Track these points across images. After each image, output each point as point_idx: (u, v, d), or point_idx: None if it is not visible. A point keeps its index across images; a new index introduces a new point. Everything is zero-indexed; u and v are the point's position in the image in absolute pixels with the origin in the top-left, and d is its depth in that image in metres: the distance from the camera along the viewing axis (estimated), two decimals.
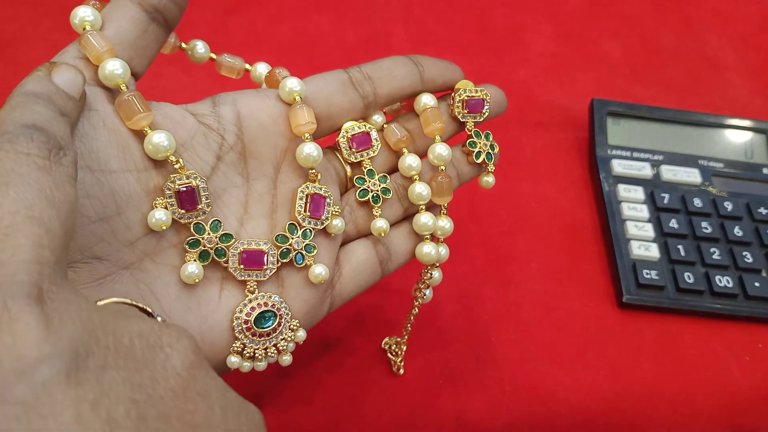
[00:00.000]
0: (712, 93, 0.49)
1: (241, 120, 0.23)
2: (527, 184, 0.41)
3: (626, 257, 0.37)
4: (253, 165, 0.23)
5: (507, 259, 0.37)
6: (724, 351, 0.34)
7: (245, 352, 0.22)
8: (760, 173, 0.42)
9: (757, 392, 0.33)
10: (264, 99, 0.23)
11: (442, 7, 0.54)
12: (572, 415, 0.31)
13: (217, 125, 0.22)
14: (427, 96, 0.26)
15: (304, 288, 0.23)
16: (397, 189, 0.26)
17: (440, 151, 0.26)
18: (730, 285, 0.36)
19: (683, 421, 0.31)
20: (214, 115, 0.22)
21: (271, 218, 0.23)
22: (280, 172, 0.24)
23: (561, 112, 0.46)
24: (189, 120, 0.22)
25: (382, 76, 0.25)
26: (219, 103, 0.23)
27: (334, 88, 0.24)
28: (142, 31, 0.21)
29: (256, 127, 0.23)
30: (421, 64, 0.26)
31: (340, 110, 0.24)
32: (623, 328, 0.35)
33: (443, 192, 0.25)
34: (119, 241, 0.20)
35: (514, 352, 0.33)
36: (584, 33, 0.53)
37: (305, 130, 0.22)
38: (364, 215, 0.26)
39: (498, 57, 0.50)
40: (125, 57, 0.21)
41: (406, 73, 0.25)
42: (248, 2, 0.51)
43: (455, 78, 0.27)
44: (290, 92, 0.23)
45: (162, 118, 0.21)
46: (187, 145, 0.21)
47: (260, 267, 0.22)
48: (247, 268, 0.22)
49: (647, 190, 0.40)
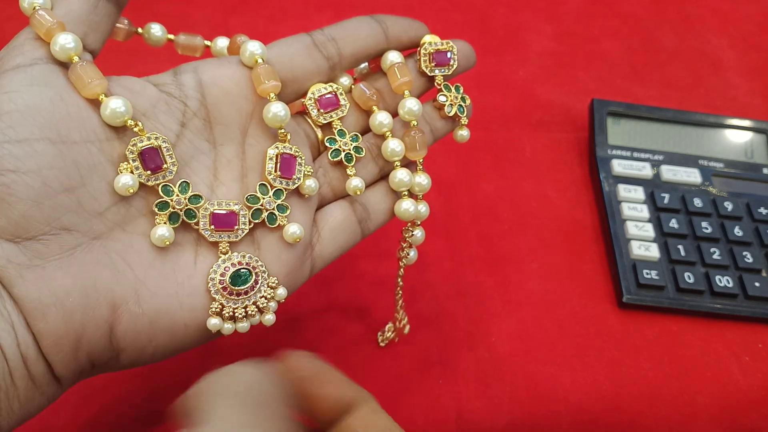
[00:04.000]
0: (713, 93, 0.49)
1: (203, 86, 0.23)
2: (527, 183, 0.41)
3: (626, 257, 0.37)
4: (219, 130, 0.23)
5: (507, 259, 0.37)
6: (724, 351, 0.34)
7: (224, 313, 0.22)
8: (761, 173, 0.42)
9: (757, 392, 0.33)
10: (226, 65, 0.23)
11: (443, 6, 0.54)
12: (572, 415, 0.31)
13: (179, 93, 0.22)
14: (394, 53, 0.26)
15: (280, 249, 0.23)
16: (370, 148, 0.26)
17: (410, 105, 0.25)
18: (730, 285, 0.36)
19: (683, 421, 0.31)
20: (175, 84, 0.22)
21: (242, 182, 0.23)
22: (248, 136, 0.23)
23: (561, 112, 0.46)
24: (149, 89, 0.22)
25: (345, 36, 0.25)
26: (180, 72, 0.23)
27: (297, 50, 0.24)
28: (93, 7, 0.21)
29: (219, 92, 0.23)
30: (384, 21, 0.26)
31: (305, 72, 0.24)
32: (623, 327, 0.35)
33: (417, 146, 0.25)
34: (87, 212, 0.20)
35: (514, 351, 0.33)
36: (584, 32, 0.53)
37: (269, 88, 0.22)
38: (338, 176, 0.25)
39: (498, 56, 0.50)
40: (79, 33, 0.21)
41: (370, 31, 0.25)
42: (249, 2, 0.51)
43: (420, 33, 0.27)
44: (251, 55, 0.23)
45: (121, 89, 0.21)
46: (149, 114, 0.21)
47: (231, 227, 0.22)
48: (218, 228, 0.22)
49: (647, 190, 0.40)
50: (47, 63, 0.20)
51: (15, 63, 0.20)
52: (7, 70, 0.20)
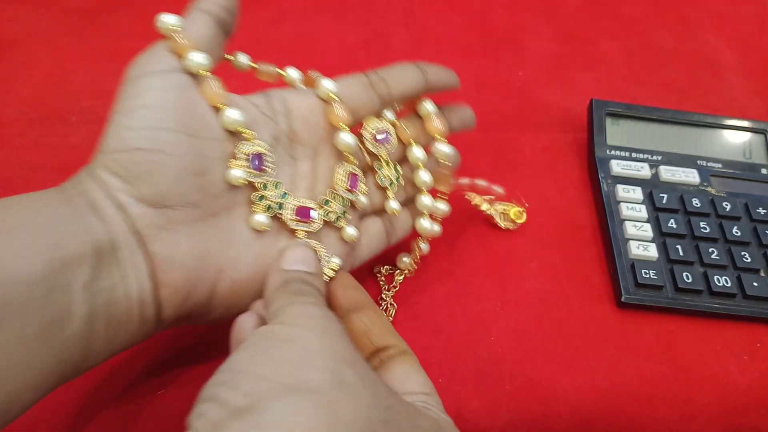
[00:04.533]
0: (711, 93, 0.49)
1: (290, 112, 0.28)
2: (526, 184, 0.41)
3: (625, 257, 0.37)
4: (298, 149, 0.28)
5: (507, 258, 0.37)
6: (722, 350, 0.34)
7: None
8: (759, 173, 0.42)
9: (755, 391, 0.33)
10: (307, 96, 0.29)
11: (443, 8, 0.54)
12: (571, 414, 0.31)
13: (272, 113, 0.28)
14: (430, 103, 0.32)
15: (337, 245, 0.29)
16: (402, 176, 0.32)
17: (444, 149, 0.32)
18: (728, 284, 0.36)
19: (682, 420, 0.31)
20: (267, 106, 0.28)
21: (313, 191, 0.29)
22: (318, 155, 0.29)
23: (560, 113, 0.47)
24: (251, 107, 0.27)
25: (394, 79, 0.30)
26: (271, 97, 0.28)
27: (358, 89, 0.29)
28: (213, 35, 0.26)
29: (301, 118, 0.28)
30: (425, 70, 0.31)
31: (363, 107, 0.29)
32: (622, 327, 0.35)
33: (444, 180, 0.32)
34: (207, 193, 0.25)
35: (514, 351, 0.33)
36: (583, 34, 0.54)
37: (343, 121, 0.28)
38: (379, 196, 0.32)
39: (497, 58, 0.51)
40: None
41: (414, 76, 0.30)
42: (249, 4, 0.51)
43: (452, 83, 0.32)
44: (325, 91, 0.28)
45: (233, 103, 0.26)
46: (252, 126, 0.26)
47: (308, 219, 0.28)
48: (299, 219, 0.27)
49: (646, 191, 0.40)
50: (181, 73, 0.25)
51: (156, 68, 0.24)
52: (150, 72, 0.24)
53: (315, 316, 0.21)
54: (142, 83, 0.24)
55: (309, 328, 0.20)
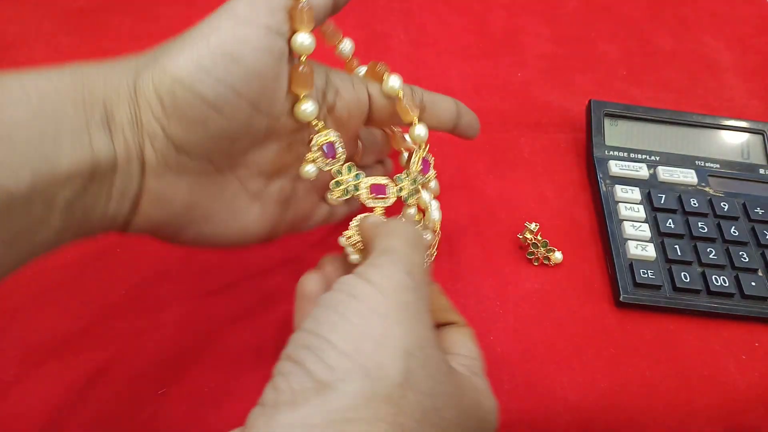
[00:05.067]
0: (709, 94, 0.50)
1: (339, 96, 0.28)
2: (525, 184, 0.42)
3: (623, 257, 0.37)
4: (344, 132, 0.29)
5: (506, 258, 0.37)
6: (721, 349, 0.34)
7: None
8: (757, 173, 0.42)
9: (754, 390, 0.33)
10: (357, 88, 0.29)
11: (442, 10, 0.55)
12: (570, 414, 0.31)
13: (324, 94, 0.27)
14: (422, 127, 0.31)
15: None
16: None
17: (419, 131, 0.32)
18: (726, 284, 0.36)
19: (680, 419, 0.32)
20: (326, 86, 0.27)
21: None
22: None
23: (559, 113, 0.47)
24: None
25: (434, 106, 0.31)
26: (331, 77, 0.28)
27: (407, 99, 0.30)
28: (326, 13, 0.26)
29: (345, 107, 0.28)
30: (461, 111, 0.32)
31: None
32: (620, 327, 0.35)
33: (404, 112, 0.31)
34: (228, 155, 0.25)
35: (513, 351, 0.33)
36: (582, 35, 0.54)
37: (414, 114, 0.30)
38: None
39: (496, 59, 0.51)
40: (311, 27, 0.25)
41: (450, 114, 0.32)
42: None
43: (475, 133, 0.33)
44: (392, 88, 0.29)
45: None
46: None
47: (384, 195, 0.30)
48: (375, 197, 0.29)
49: (644, 191, 0.40)
50: (284, 41, 0.24)
51: (263, 21, 0.23)
52: (255, 22, 0.22)
53: (407, 288, 0.21)
54: (241, 29, 0.22)
55: (396, 302, 0.21)
